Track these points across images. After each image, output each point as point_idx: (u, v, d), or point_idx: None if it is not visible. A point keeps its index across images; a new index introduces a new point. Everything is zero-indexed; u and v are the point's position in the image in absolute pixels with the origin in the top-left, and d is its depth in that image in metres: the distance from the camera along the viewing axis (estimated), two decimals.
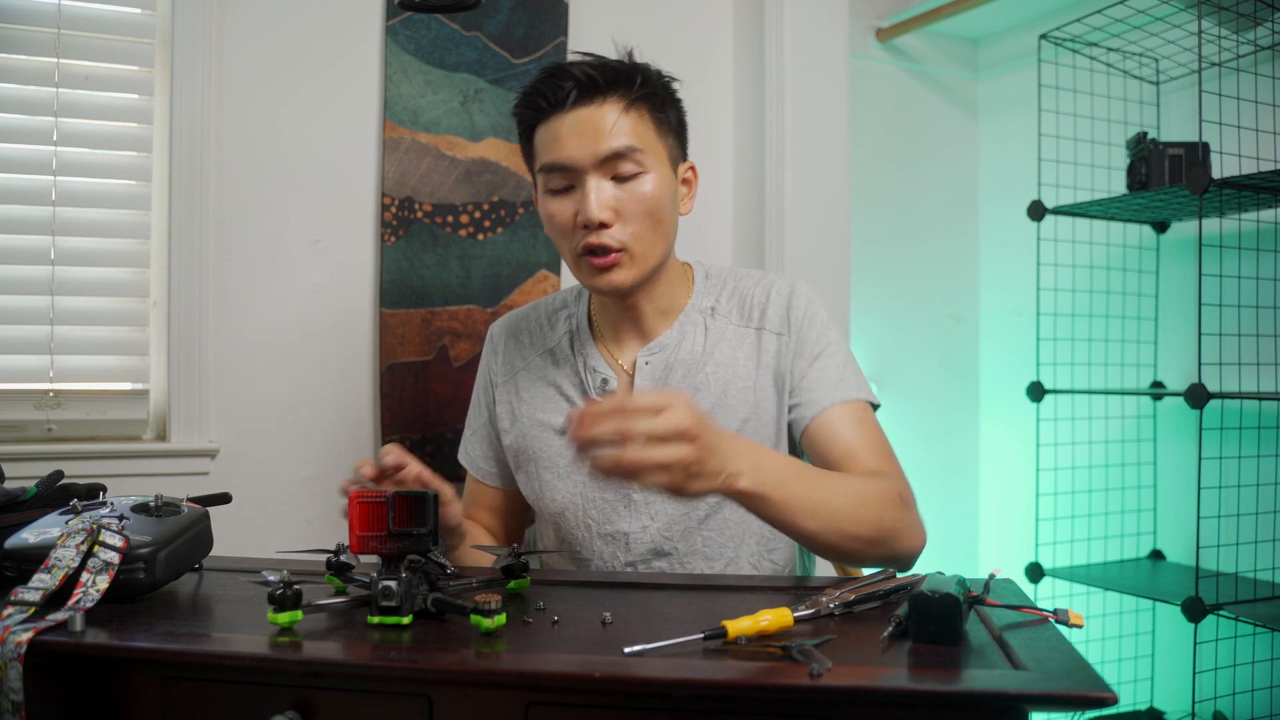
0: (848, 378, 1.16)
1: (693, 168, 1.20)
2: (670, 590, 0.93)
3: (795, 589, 0.95)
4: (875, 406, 1.17)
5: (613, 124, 1.07)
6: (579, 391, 1.20)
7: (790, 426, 1.17)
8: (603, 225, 1.08)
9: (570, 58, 1.13)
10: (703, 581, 0.97)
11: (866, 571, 1.26)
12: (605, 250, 1.09)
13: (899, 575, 0.87)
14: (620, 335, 1.21)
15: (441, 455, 1.82)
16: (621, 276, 1.11)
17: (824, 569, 1.46)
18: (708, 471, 0.83)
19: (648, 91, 1.10)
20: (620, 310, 1.19)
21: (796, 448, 1.19)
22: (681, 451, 0.79)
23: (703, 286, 1.23)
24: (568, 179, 1.09)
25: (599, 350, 1.21)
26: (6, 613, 0.76)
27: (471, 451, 1.34)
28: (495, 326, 1.33)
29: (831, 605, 0.80)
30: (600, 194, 1.07)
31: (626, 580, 0.98)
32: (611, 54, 1.14)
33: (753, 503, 0.90)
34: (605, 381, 1.18)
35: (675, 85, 1.18)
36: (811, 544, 0.97)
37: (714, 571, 1.15)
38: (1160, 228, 2.25)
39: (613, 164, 1.08)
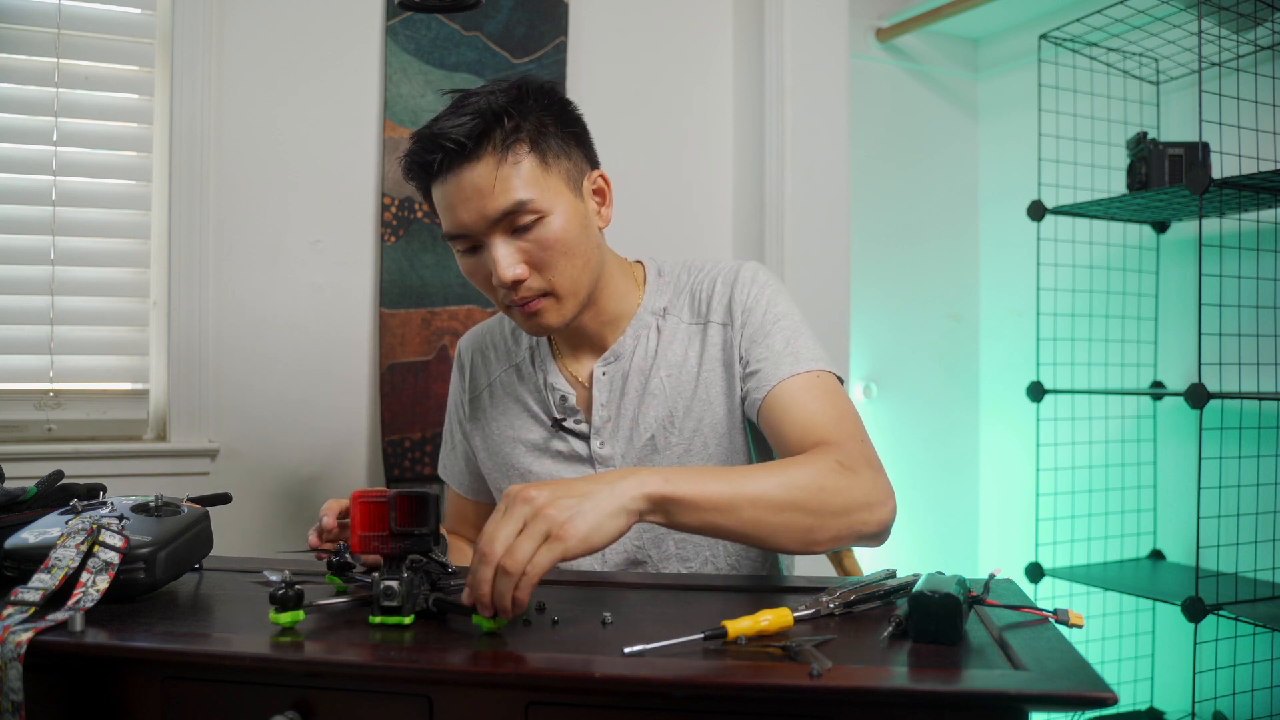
0: (798, 349, 1.10)
1: (602, 176, 1.13)
2: (670, 590, 0.93)
3: (795, 589, 0.94)
4: (840, 380, 1.11)
5: (493, 183, 1.01)
6: (542, 409, 1.19)
7: (747, 413, 1.13)
8: (517, 281, 1.05)
9: (440, 109, 1.07)
10: (702, 582, 0.97)
11: (866, 571, 1.26)
12: (529, 299, 1.07)
13: (898, 574, 0.87)
14: (576, 349, 1.20)
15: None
16: (551, 318, 1.08)
17: (815, 565, 1.46)
18: (590, 501, 0.78)
19: (520, 130, 1.03)
20: (568, 329, 1.17)
21: (760, 438, 1.17)
22: (541, 517, 0.75)
23: (655, 286, 1.20)
24: (469, 241, 1.06)
25: (557, 366, 1.20)
26: (6, 613, 0.76)
27: (450, 466, 1.34)
28: (463, 342, 1.31)
29: (831, 605, 0.80)
30: (505, 254, 1.03)
31: (626, 580, 0.98)
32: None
33: (671, 509, 0.84)
34: (564, 398, 1.17)
35: (556, 90, 1.10)
36: (758, 541, 0.90)
37: (692, 573, 1.15)
38: (1160, 228, 2.25)
39: (507, 220, 1.03)
